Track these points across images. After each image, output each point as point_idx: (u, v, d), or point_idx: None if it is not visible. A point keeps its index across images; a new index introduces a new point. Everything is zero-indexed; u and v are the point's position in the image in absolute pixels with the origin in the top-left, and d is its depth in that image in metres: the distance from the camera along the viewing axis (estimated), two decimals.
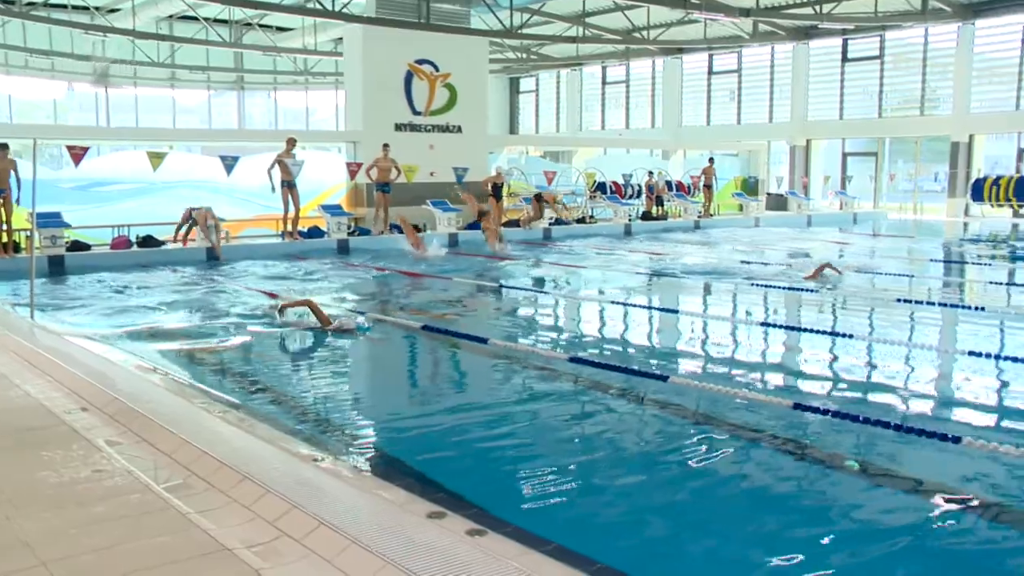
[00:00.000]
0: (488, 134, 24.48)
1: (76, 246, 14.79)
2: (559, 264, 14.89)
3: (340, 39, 25.22)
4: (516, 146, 30.78)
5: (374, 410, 6.36)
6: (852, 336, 8.44)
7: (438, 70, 21.38)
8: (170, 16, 29.89)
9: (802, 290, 11.34)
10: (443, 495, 4.16)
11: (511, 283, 12.70)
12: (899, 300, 10.52)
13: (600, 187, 24.95)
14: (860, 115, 29.04)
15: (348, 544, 3.33)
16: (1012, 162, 26.40)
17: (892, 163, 29.87)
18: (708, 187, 24.52)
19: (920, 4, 24.53)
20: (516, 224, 20.12)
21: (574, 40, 27.93)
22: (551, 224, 20.31)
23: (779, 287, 11.72)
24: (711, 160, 24.90)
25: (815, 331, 8.89)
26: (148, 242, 15.35)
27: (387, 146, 18.29)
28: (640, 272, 13.69)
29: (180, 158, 20.63)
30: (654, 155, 30.55)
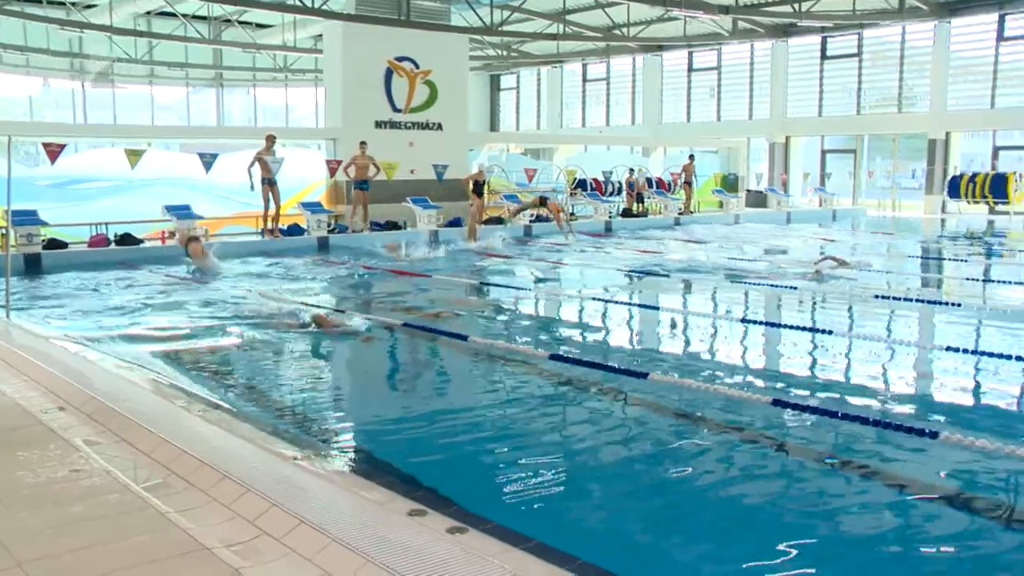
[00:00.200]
0: (468, 131, 24.44)
1: (53, 244, 14.65)
2: (543, 261, 14.92)
3: (320, 36, 25.06)
4: (497, 143, 30.72)
5: (355, 408, 6.35)
6: (832, 332, 8.50)
7: (418, 67, 21.31)
8: (148, 12, 29.60)
9: (792, 287, 11.42)
10: (424, 493, 4.17)
11: (492, 280, 12.70)
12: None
13: (581, 184, 25.00)
14: (839, 112, 29.23)
15: (328, 542, 3.32)
16: (988, 159, 26.67)
17: (870, 160, 30.08)
18: (688, 184, 24.64)
19: (897, 2, 24.73)
20: (499, 221, 20.12)
21: (555, 37, 27.94)
22: (532, 222, 20.32)
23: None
24: (691, 157, 24.99)
25: (798, 327, 8.95)
26: (126, 240, 15.23)
27: (364, 143, 18.21)
28: (623, 269, 13.71)
29: (158, 155, 20.42)
30: (634, 152, 30.60)
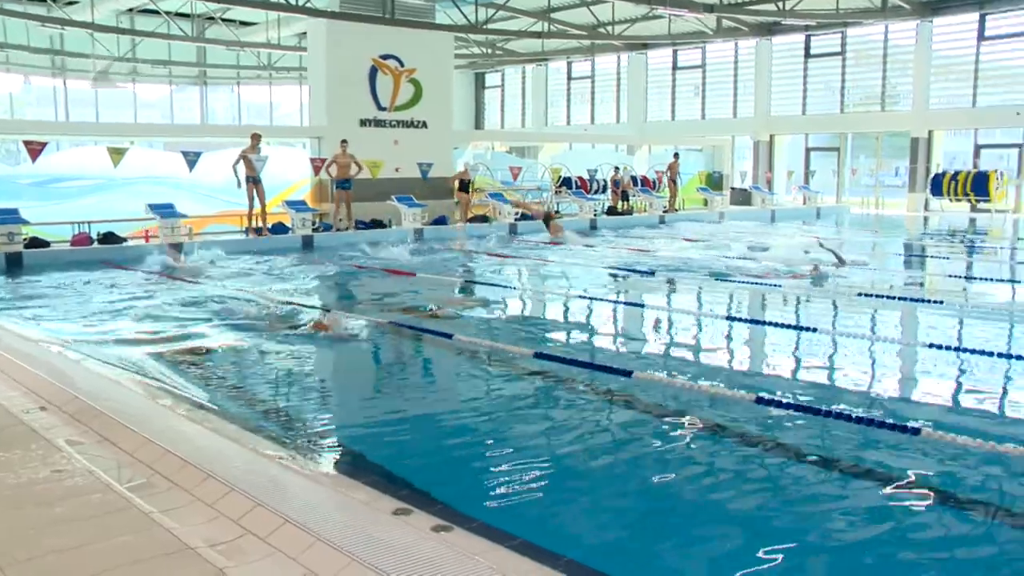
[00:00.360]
0: (453, 129, 24.43)
1: (35, 243, 14.54)
2: (528, 259, 14.94)
3: (304, 33, 24.97)
4: (482, 141, 30.70)
5: (339, 407, 6.33)
6: (816, 330, 8.54)
7: (403, 65, 21.28)
8: (131, 9, 29.40)
9: (776, 286, 11.47)
10: (409, 492, 4.17)
11: (477, 279, 12.69)
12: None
13: (566, 182, 25.03)
14: (823, 111, 29.37)
15: (313, 541, 3.32)
16: (969, 157, 26.88)
17: (854, 158, 30.27)
18: (673, 182, 24.71)
19: (880, 1, 24.89)
20: (484, 219, 20.10)
21: (539, 35, 27.95)
22: (517, 220, 20.31)
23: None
24: (676, 155, 25.06)
25: (782, 325, 9.00)
26: (109, 239, 15.14)
27: (345, 142, 18.14)
28: (610, 268, 13.75)
29: (141, 154, 20.32)
30: (619, 150, 30.65)
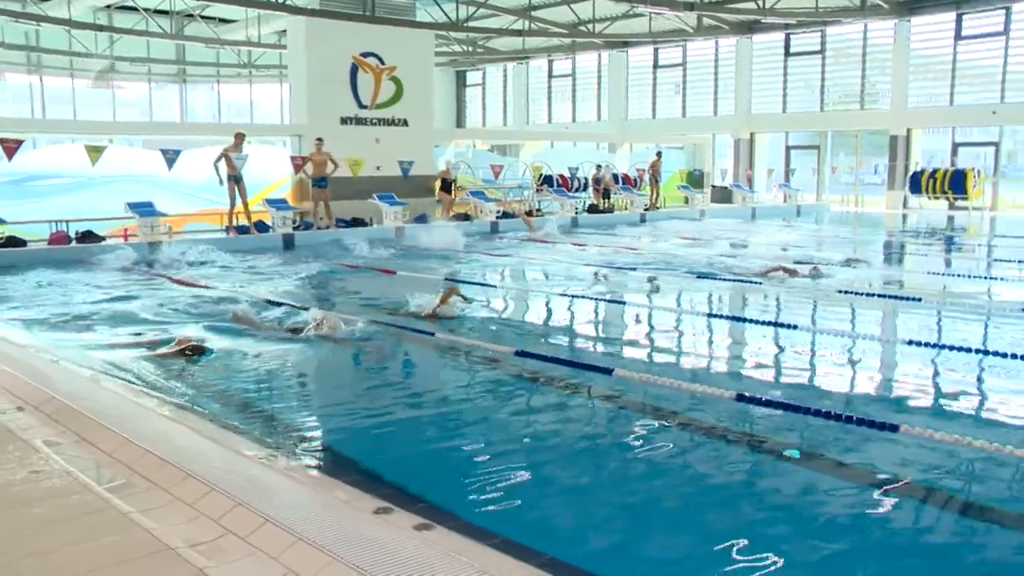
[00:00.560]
0: (434, 128, 24.37)
1: (11, 242, 14.40)
2: (506, 256, 14.94)
3: (284, 31, 24.87)
4: (463, 140, 30.66)
5: (320, 407, 6.31)
6: (797, 327, 8.60)
7: (384, 63, 21.20)
8: (108, 6, 29.18)
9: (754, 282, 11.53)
10: (390, 491, 4.16)
11: (459, 277, 12.68)
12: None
13: (547, 180, 25.05)
14: (803, 109, 29.54)
15: (294, 541, 3.31)
16: (947, 155, 27.11)
17: (834, 156, 30.48)
18: (655, 180, 24.79)
19: (859, 0, 25.03)
20: (466, 218, 20.10)
21: (520, 33, 27.96)
22: (498, 218, 20.32)
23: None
24: (659, 154, 25.14)
25: (762, 322, 9.05)
26: (88, 238, 15.01)
27: (320, 140, 18.04)
28: (590, 265, 13.79)
29: (120, 152, 20.16)
30: (600, 148, 30.72)
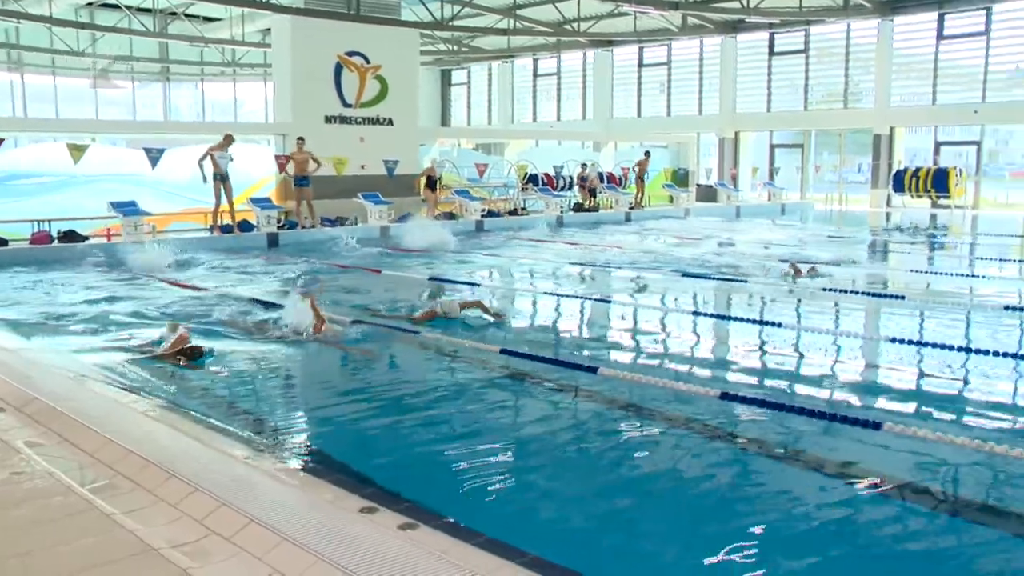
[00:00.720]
0: (419, 126, 24.36)
1: None
2: (492, 255, 14.95)
3: (268, 30, 24.79)
4: (448, 138, 30.64)
5: (304, 406, 6.30)
6: (781, 325, 8.65)
7: (368, 62, 21.16)
8: (90, 3, 28.97)
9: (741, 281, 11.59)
10: (375, 490, 4.16)
11: (444, 276, 12.67)
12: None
13: (532, 179, 25.06)
14: (787, 108, 29.67)
15: (279, 541, 3.31)
16: (930, 154, 27.31)
17: (818, 155, 30.63)
18: (641, 179, 24.85)
19: (842, 0, 25.17)
20: (451, 216, 20.09)
21: (505, 32, 27.96)
22: (484, 216, 20.32)
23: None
24: (647, 153, 25.18)
25: (748, 320, 9.10)
26: (71, 237, 14.92)
27: (302, 139, 17.98)
28: (574, 262, 13.82)
29: (103, 151, 20.05)
30: (585, 147, 30.77)
